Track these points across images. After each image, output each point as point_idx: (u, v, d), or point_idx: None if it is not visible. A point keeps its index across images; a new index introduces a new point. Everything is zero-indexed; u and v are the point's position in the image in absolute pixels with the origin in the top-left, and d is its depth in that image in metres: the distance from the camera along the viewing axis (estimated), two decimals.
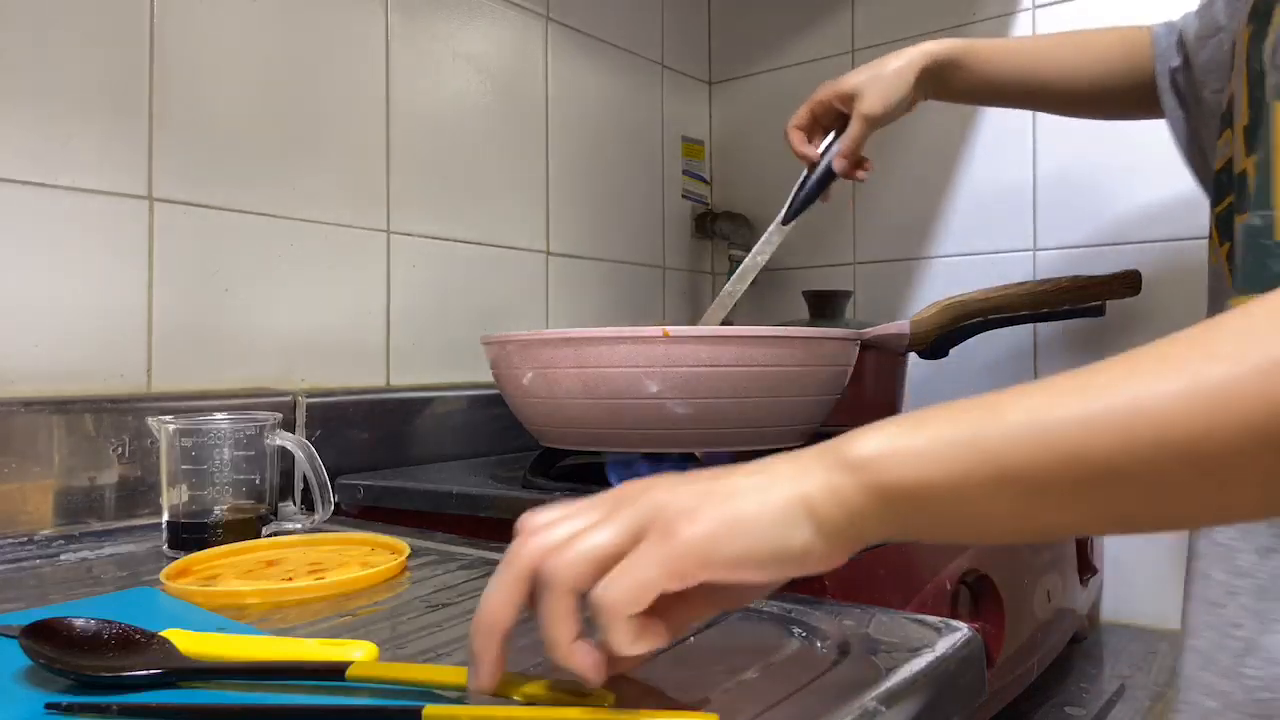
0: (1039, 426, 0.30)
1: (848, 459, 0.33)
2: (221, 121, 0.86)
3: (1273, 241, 0.48)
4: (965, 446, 0.31)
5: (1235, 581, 0.47)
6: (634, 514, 0.34)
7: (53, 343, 0.75)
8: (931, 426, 0.32)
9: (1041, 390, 0.31)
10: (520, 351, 0.76)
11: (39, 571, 0.62)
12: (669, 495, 0.34)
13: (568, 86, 1.25)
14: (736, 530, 0.32)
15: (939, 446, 0.32)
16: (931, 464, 0.31)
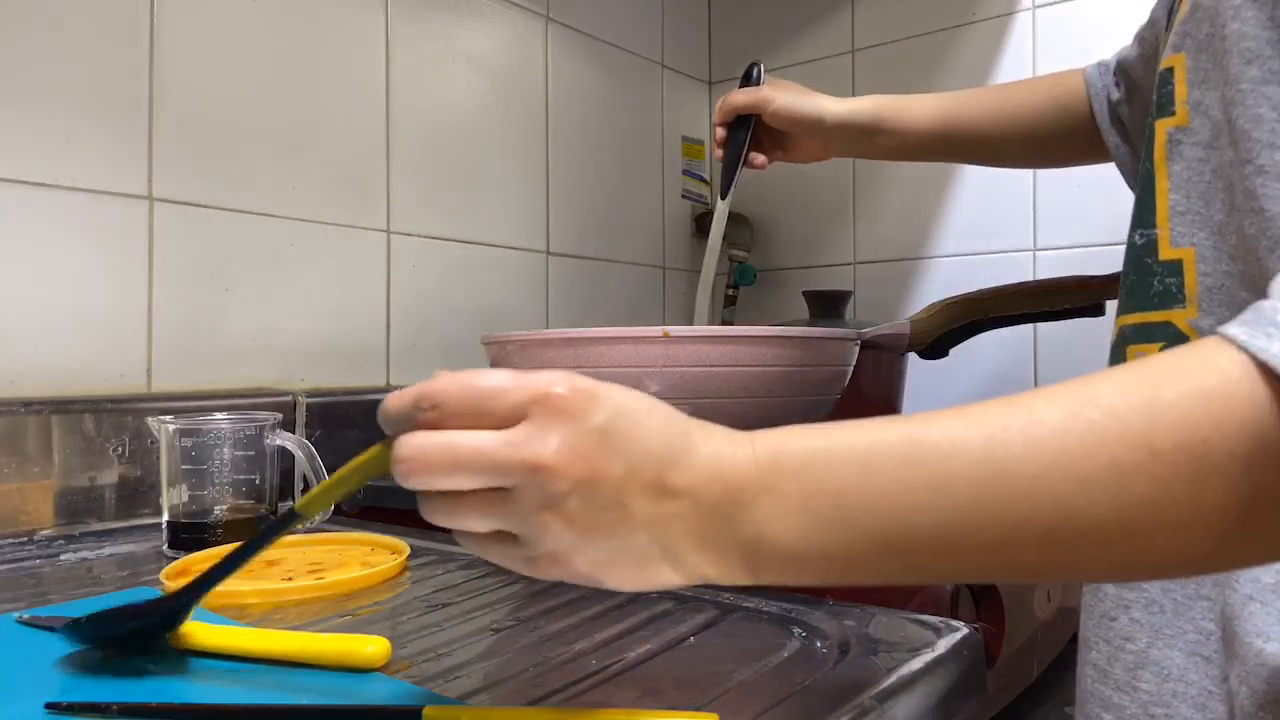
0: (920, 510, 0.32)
1: (753, 546, 0.33)
2: (222, 121, 0.86)
3: (1154, 260, 0.48)
4: (843, 532, 0.33)
5: (1126, 595, 0.47)
6: (526, 507, 0.32)
7: (53, 343, 0.75)
8: (825, 504, 0.33)
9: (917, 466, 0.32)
10: (520, 351, 0.76)
11: (39, 571, 0.62)
12: (560, 529, 0.32)
13: (568, 86, 1.25)
14: (599, 580, 0.34)
15: (827, 541, 0.33)
16: (820, 555, 0.33)
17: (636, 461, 0.33)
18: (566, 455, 0.32)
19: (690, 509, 0.33)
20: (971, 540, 0.32)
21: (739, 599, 0.52)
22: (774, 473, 0.33)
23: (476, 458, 0.32)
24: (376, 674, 0.40)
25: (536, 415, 0.32)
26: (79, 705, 0.36)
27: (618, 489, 0.32)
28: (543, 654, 0.43)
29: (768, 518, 0.33)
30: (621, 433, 0.33)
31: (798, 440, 0.34)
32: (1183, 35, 0.46)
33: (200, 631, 0.43)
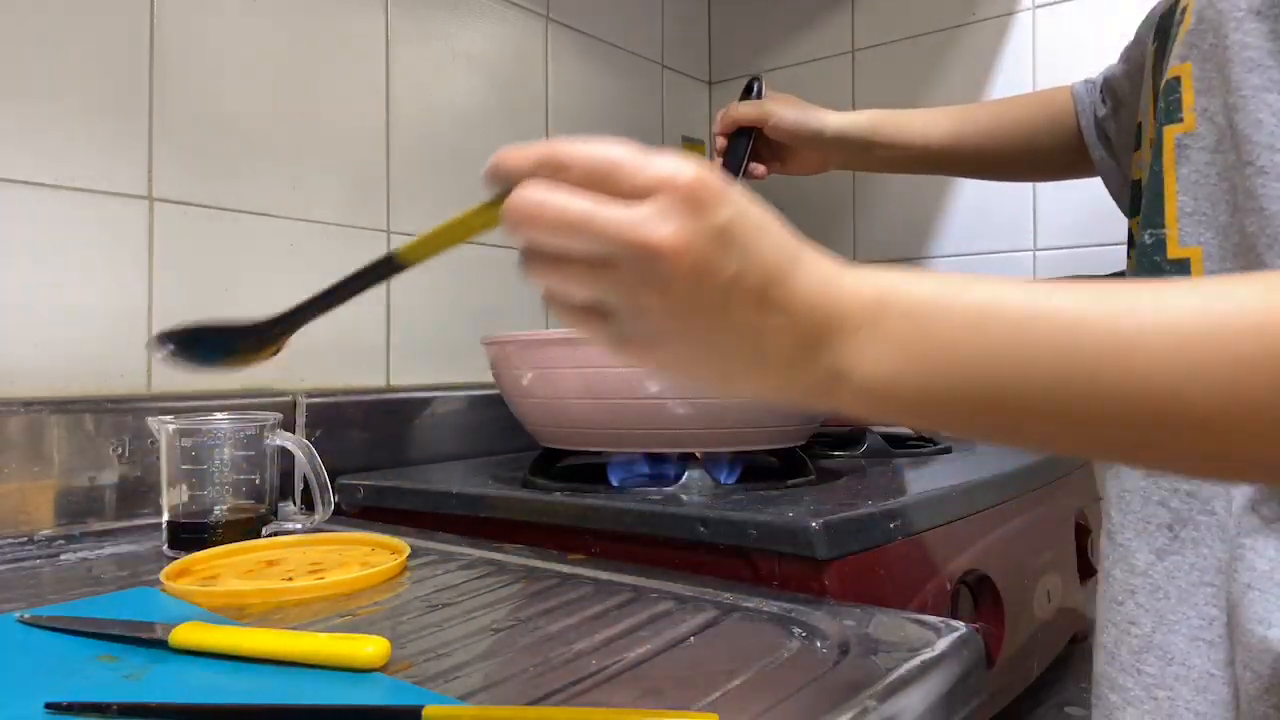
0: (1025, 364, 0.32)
1: (838, 376, 0.34)
2: (221, 122, 0.86)
3: (1163, 259, 0.50)
4: (938, 379, 0.33)
5: (1132, 580, 0.49)
6: (629, 286, 0.33)
7: (53, 343, 0.75)
8: (931, 349, 0.33)
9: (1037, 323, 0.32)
10: (520, 351, 0.76)
11: (39, 571, 0.62)
12: (657, 315, 0.33)
13: (568, 86, 1.25)
14: (681, 374, 0.35)
15: (922, 384, 0.33)
16: (910, 396, 0.34)
17: (746, 268, 0.33)
18: (682, 244, 0.31)
19: (786, 327, 0.33)
20: (1076, 409, 0.32)
21: (739, 599, 0.52)
22: (880, 310, 0.34)
23: (593, 222, 0.32)
24: (376, 674, 0.40)
25: (662, 197, 0.32)
26: (79, 705, 0.36)
27: (722, 290, 0.32)
28: (543, 654, 0.43)
29: (862, 351, 0.34)
30: (739, 236, 0.33)
31: (911, 284, 0.34)
32: (1189, 46, 0.48)
33: (200, 631, 0.43)
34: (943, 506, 0.69)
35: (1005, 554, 0.76)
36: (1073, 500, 0.97)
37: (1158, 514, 0.49)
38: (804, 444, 0.82)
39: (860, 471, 0.83)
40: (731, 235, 0.32)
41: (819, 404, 0.35)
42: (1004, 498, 0.80)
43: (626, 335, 0.34)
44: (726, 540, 0.60)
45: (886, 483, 0.76)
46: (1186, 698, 0.47)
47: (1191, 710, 0.46)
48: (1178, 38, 0.49)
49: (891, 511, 0.63)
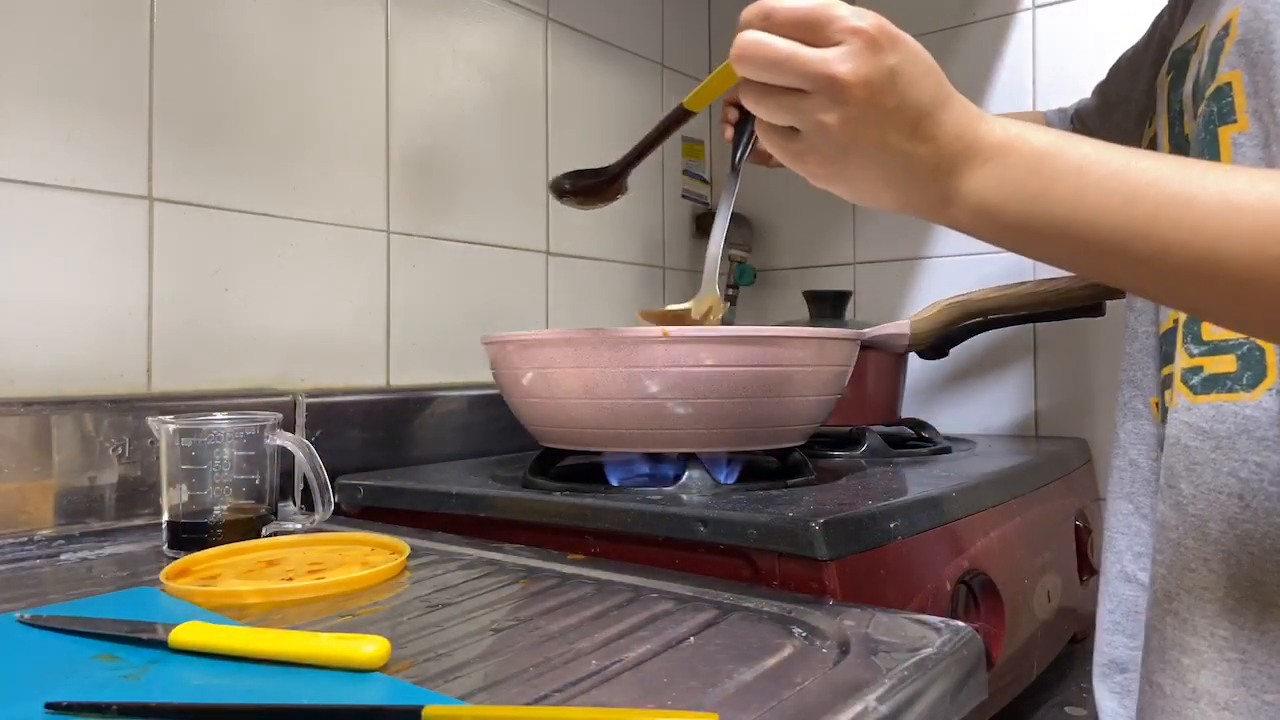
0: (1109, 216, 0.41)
1: (961, 196, 0.44)
2: (221, 122, 0.86)
3: None
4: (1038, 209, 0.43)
5: (1205, 548, 0.53)
6: (815, 108, 0.42)
7: (53, 343, 0.75)
8: (1036, 184, 0.43)
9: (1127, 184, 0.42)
10: (520, 351, 0.76)
11: (39, 571, 0.62)
12: (834, 133, 0.43)
13: (568, 86, 1.25)
14: (842, 181, 0.46)
15: (1023, 212, 0.43)
16: (1012, 220, 0.44)
17: (907, 103, 0.42)
18: (859, 78, 0.41)
19: (929, 153, 0.43)
20: (1135, 247, 0.41)
21: (739, 599, 0.52)
22: (1007, 149, 0.43)
23: (791, 60, 0.41)
24: (376, 674, 0.40)
25: (848, 42, 0.41)
26: (79, 705, 0.36)
27: (885, 117, 0.42)
28: (543, 654, 0.43)
29: (985, 178, 0.43)
30: (905, 76, 0.42)
31: (1037, 134, 0.44)
32: (1239, 55, 0.53)
33: (200, 631, 0.43)
34: (943, 506, 0.69)
35: (1005, 554, 0.76)
36: (1073, 500, 0.97)
37: (1229, 484, 0.52)
38: (804, 444, 0.82)
39: (860, 471, 0.83)
40: (899, 75, 0.42)
41: (938, 217, 0.45)
42: (1004, 498, 0.80)
43: (808, 150, 0.44)
44: (726, 540, 0.60)
45: (886, 483, 0.76)
46: (1261, 660, 0.50)
47: (1265, 672, 0.49)
48: (1224, 49, 0.55)
49: (891, 511, 0.63)
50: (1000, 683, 0.72)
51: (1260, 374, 0.52)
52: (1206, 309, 0.47)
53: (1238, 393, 0.53)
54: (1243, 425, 0.52)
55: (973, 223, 0.45)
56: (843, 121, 0.42)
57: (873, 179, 0.45)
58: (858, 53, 0.41)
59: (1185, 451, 0.55)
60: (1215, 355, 0.54)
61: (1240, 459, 0.52)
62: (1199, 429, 0.54)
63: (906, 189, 0.45)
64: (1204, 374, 0.55)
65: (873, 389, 1.04)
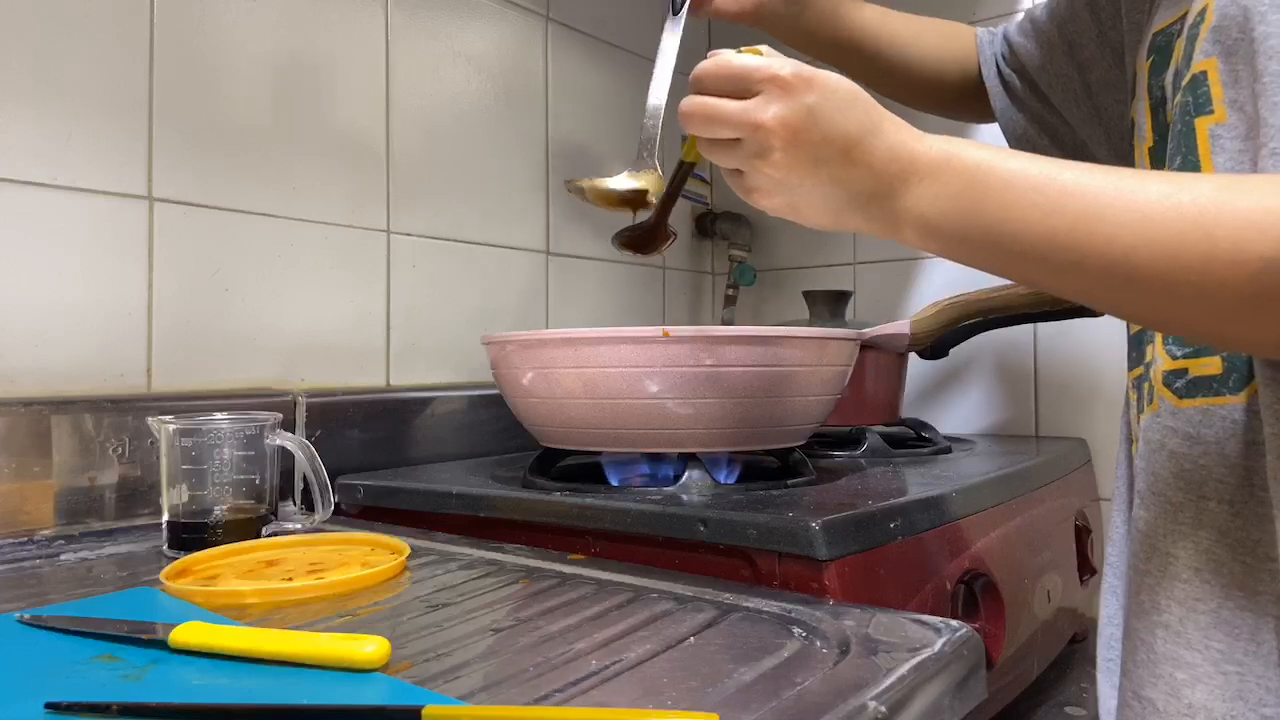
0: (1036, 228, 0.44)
1: (904, 214, 0.48)
2: (221, 121, 0.86)
3: None
4: (972, 224, 0.46)
5: (1197, 558, 0.51)
6: (746, 153, 0.49)
7: (53, 343, 0.75)
8: (971, 199, 0.46)
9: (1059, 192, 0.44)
10: (520, 351, 0.76)
11: (39, 571, 0.62)
12: (766, 171, 0.49)
13: (568, 86, 1.25)
14: (792, 213, 0.51)
15: (960, 225, 0.46)
16: (951, 233, 0.47)
17: (832, 135, 0.47)
18: (778, 122, 0.47)
19: (866, 177, 0.47)
20: (1056, 257, 0.44)
21: (739, 599, 0.52)
22: (942, 166, 0.46)
23: (719, 115, 0.48)
24: (376, 674, 0.40)
25: (766, 90, 0.47)
26: (79, 705, 0.36)
27: (813, 152, 0.47)
28: (543, 654, 0.43)
29: (924, 196, 0.47)
30: (824, 111, 0.47)
31: (970, 150, 0.46)
32: (1213, 43, 0.51)
33: (200, 631, 0.43)
34: (943, 506, 0.69)
35: (1005, 554, 0.76)
36: (1073, 500, 0.97)
37: (1218, 490, 0.50)
38: (804, 444, 0.82)
39: (860, 471, 0.83)
40: (817, 111, 0.46)
41: (889, 235, 0.48)
42: (1004, 498, 0.80)
43: (754, 187, 0.50)
44: (726, 540, 0.60)
45: (886, 483, 0.76)
46: (1258, 672, 0.48)
47: (1263, 685, 0.47)
48: (1200, 36, 0.52)
49: (891, 511, 0.63)
50: (1000, 683, 0.72)
51: (1246, 375, 0.50)
52: (1128, 313, 0.50)
53: (1224, 395, 0.51)
54: (1231, 429, 0.50)
55: (919, 238, 0.48)
56: (773, 161, 0.47)
57: (818, 207, 0.49)
58: (775, 98, 0.47)
59: (1172, 458, 0.53)
60: (1200, 357, 0.52)
61: (1229, 464, 0.50)
62: (1186, 434, 0.52)
63: (852, 213, 0.49)
64: (1189, 377, 0.52)
65: (873, 389, 1.04)
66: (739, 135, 0.48)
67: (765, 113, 0.47)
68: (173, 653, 0.43)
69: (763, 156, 0.48)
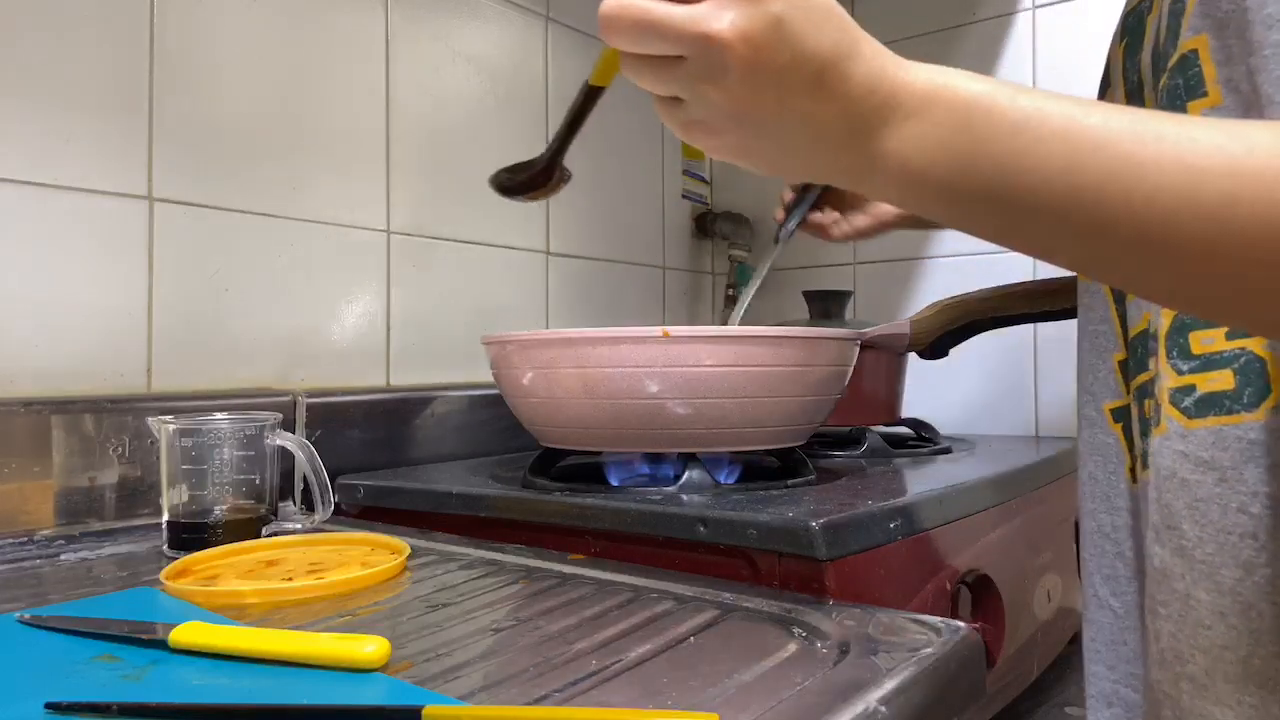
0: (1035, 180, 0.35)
1: (881, 159, 0.37)
2: (221, 121, 0.86)
3: None
4: (968, 173, 0.36)
5: (1221, 600, 0.45)
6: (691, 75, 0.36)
7: (53, 343, 0.75)
8: (967, 143, 0.36)
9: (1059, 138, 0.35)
10: (520, 351, 0.76)
11: (39, 571, 0.62)
12: (717, 100, 0.37)
13: (568, 86, 1.25)
14: (742, 157, 0.40)
15: (952, 175, 0.36)
16: (939, 185, 0.37)
17: (802, 56, 0.35)
18: (737, 34, 0.34)
19: (839, 112, 0.36)
20: (1078, 219, 0.35)
21: (739, 599, 0.52)
22: (930, 102, 0.36)
23: (658, 24, 0.35)
24: (376, 674, 0.40)
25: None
26: (79, 705, 0.36)
27: (778, 77, 0.35)
28: (543, 654, 0.43)
29: (906, 139, 0.36)
30: (795, 24, 0.35)
31: (963, 81, 0.36)
32: (1202, 17, 0.46)
33: (200, 631, 0.43)
34: (943, 506, 0.69)
35: (1005, 554, 0.76)
36: (1073, 500, 0.97)
37: (1239, 522, 0.44)
38: (804, 444, 0.82)
39: (860, 471, 0.83)
40: (786, 24, 0.35)
41: (857, 185, 0.39)
42: (1004, 498, 0.80)
43: (694, 122, 0.38)
44: (726, 540, 0.60)
45: (886, 483, 0.76)
46: None
47: None
48: (1185, 11, 0.47)
49: (891, 511, 0.63)
50: (1000, 683, 0.72)
51: (1263, 389, 0.44)
52: (1160, 290, 0.41)
53: (1239, 413, 0.45)
54: (1248, 452, 0.44)
55: (898, 190, 0.38)
56: (726, 87, 0.36)
57: (774, 149, 0.39)
58: (733, 2, 0.35)
59: (1184, 487, 0.46)
60: (1209, 371, 0.46)
61: (1250, 492, 0.44)
62: (1199, 459, 0.46)
63: (816, 157, 0.38)
64: (1198, 394, 0.46)
65: (873, 389, 1.04)
66: (680, 51, 0.36)
67: (720, 21, 0.35)
68: (173, 653, 0.43)
69: (713, 80, 0.36)
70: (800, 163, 0.39)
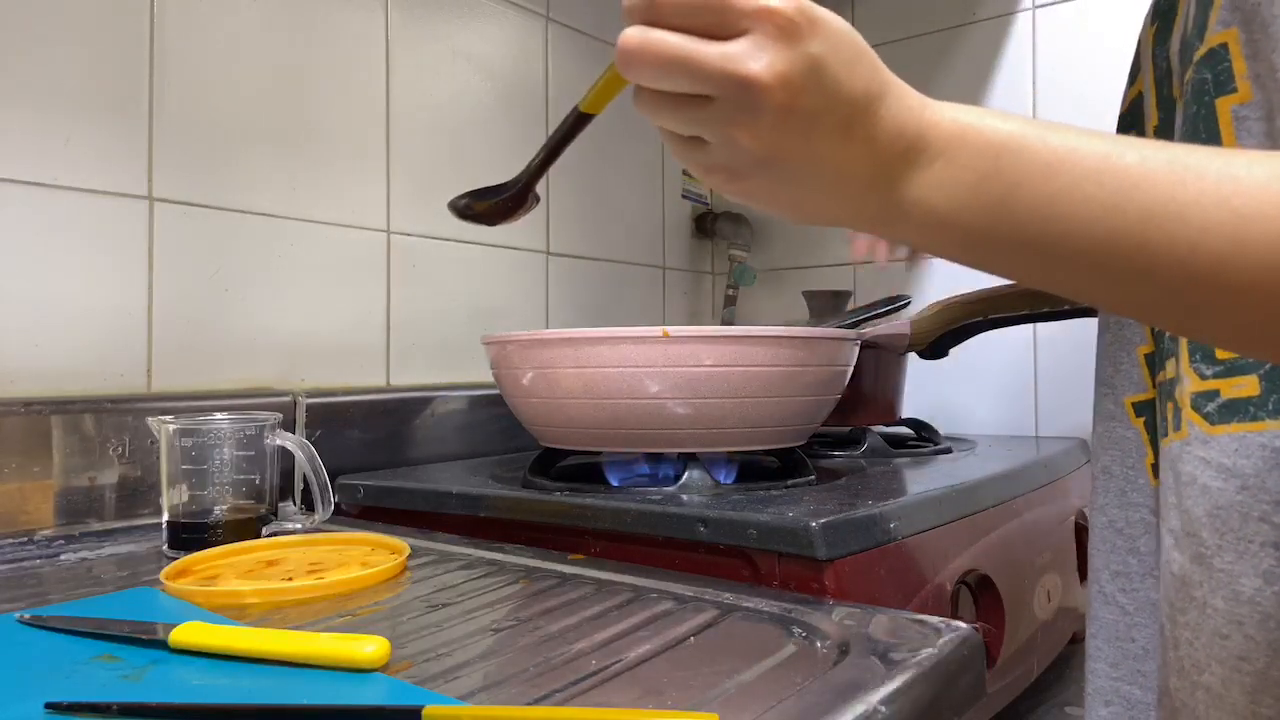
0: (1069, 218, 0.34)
1: (907, 205, 0.36)
2: (221, 121, 0.86)
3: None
4: (999, 218, 0.35)
5: (1239, 610, 0.44)
6: (722, 118, 0.34)
7: (53, 343, 0.75)
8: (998, 187, 0.35)
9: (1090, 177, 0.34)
10: (520, 351, 0.76)
11: (39, 571, 0.62)
12: (747, 145, 0.34)
13: (568, 86, 1.25)
14: (763, 202, 0.38)
15: (981, 221, 0.35)
16: (967, 231, 0.36)
17: (835, 100, 0.34)
18: (776, 77, 0.33)
19: (866, 156, 0.35)
20: (1117, 264, 0.34)
21: (739, 599, 0.52)
22: (956, 144, 0.35)
23: (689, 62, 0.33)
24: (376, 674, 0.40)
25: (757, 30, 0.33)
26: (79, 705, 0.36)
27: (810, 121, 0.34)
28: (543, 654, 0.43)
29: (932, 181, 0.35)
30: (831, 67, 0.33)
31: (991, 121, 0.35)
32: (1231, 10, 0.45)
33: (200, 631, 0.43)
34: (943, 506, 0.69)
35: (1005, 554, 0.76)
36: (1073, 500, 0.97)
37: (1260, 531, 0.43)
38: (804, 444, 0.82)
39: (860, 471, 0.83)
40: (823, 66, 0.33)
41: (882, 231, 0.38)
42: (1004, 498, 0.80)
43: (717, 165, 0.36)
44: (726, 540, 0.60)
45: (886, 483, 0.76)
46: None
47: None
48: (1215, 4, 0.46)
49: (891, 511, 0.63)
50: (1000, 683, 0.72)
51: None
52: (1212, 335, 0.39)
53: (1263, 420, 0.43)
54: (1272, 460, 0.43)
55: (922, 237, 0.37)
56: (757, 132, 0.34)
57: (799, 194, 0.37)
58: (770, 43, 0.32)
59: (1205, 493, 0.45)
60: (1233, 376, 0.45)
61: (1272, 500, 0.42)
62: (1220, 466, 0.44)
63: (841, 202, 0.37)
64: (1220, 399, 0.45)
65: (873, 389, 1.04)
66: (710, 92, 0.33)
67: (757, 62, 0.32)
68: (173, 653, 0.43)
69: (743, 124, 0.34)
70: (824, 208, 0.37)
